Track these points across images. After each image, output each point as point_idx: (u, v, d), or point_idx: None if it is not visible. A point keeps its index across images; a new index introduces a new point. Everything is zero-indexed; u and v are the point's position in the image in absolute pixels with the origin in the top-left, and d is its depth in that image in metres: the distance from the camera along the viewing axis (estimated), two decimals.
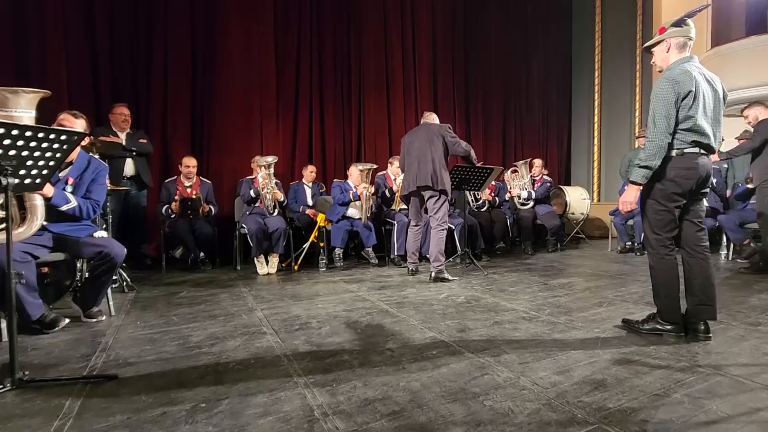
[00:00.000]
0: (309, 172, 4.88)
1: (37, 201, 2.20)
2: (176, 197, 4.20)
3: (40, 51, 4.12)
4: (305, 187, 4.84)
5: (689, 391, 1.50)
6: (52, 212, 2.28)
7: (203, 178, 4.52)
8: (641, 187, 2.07)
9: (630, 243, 5.06)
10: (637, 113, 6.76)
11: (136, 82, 4.64)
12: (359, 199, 4.31)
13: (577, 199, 6.02)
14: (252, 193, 4.18)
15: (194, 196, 4.26)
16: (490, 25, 6.83)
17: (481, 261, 4.42)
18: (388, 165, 4.82)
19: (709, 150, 2.02)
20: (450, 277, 3.51)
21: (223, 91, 4.99)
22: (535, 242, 5.32)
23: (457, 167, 3.82)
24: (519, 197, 5.30)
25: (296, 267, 4.18)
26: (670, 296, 2.06)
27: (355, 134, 5.82)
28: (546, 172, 5.79)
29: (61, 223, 2.35)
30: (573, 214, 6.01)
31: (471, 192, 4.51)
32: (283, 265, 4.24)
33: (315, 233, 4.36)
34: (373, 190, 4.38)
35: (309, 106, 5.49)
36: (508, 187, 5.39)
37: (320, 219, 4.40)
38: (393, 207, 4.63)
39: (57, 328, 2.28)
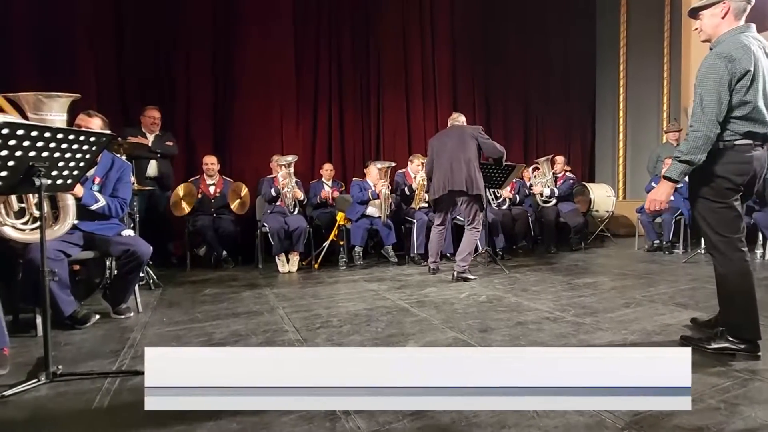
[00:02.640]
0: (326, 170, 4.91)
1: (69, 201, 2.27)
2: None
3: (71, 57, 4.28)
4: (325, 185, 4.87)
5: (725, 396, 1.43)
6: (82, 211, 2.35)
7: (226, 177, 4.61)
8: (676, 185, 1.77)
9: (658, 241, 4.90)
10: (665, 107, 6.52)
11: (161, 84, 4.75)
12: (378, 198, 4.31)
13: (602, 197, 5.86)
14: (272, 192, 4.23)
15: (218, 194, 4.36)
16: (510, 19, 6.70)
17: (503, 260, 4.35)
18: (408, 163, 4.79)
19: (766, 140, 1.71)
20: (471, 277, 3.46)
21: (244, 91, 5.06)
22: (558, 241, 5.20)
23: (480, 164, 3.75)
24: (541, 195, 5.20)
25: (316, 265, 4.21)
26: (745, 308, 1.72)
27: (374, 133, 5.81)
28: (569, 168, 5.65)
29: (91, 221, 2.43)
30: (597, 211, 5.85)
31: (491, 190, 4.44)
32: (304, 263, 4.27)
33: (335, 232, 4.38)
34: (384, 185, 4.35)
35: (328, 105, 5.52)
36: (528, 184, 5.29)
37: (340, 217, 4.42)
38: (413, 205, 4.60)
39: (88, 324, 2.35)
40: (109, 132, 1.86)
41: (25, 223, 2.17)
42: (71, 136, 1.56)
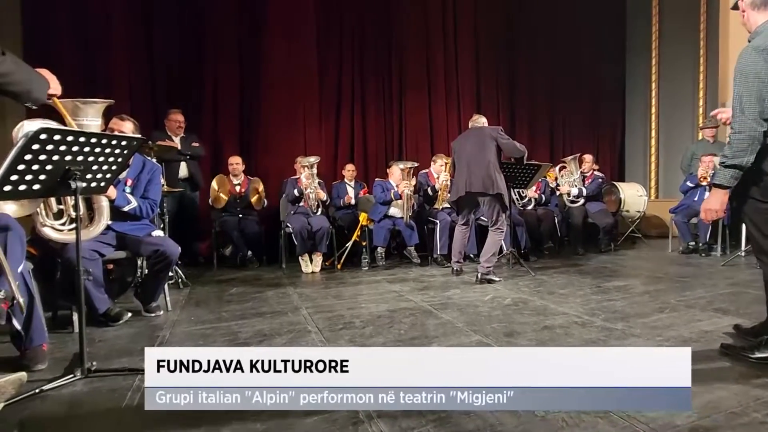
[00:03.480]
0: (348, 171, 4.93)
1: (103, 202, 2.36)
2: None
3: (106, 64, 4.47)
4: (347, 186, 4.89)
5: None
6: (115, 212, 2.43)
7: (250, 177, 4.70)
8: (729, 191, 1.68)
9: (693, 243, 4.68)
10: (700, 102, 6.22)
11: (189, 87, 4.89)
12: (400, 198, 4.29)
13: (633, 196, 5.65)
14: (296, 192, 4.28)
15: (243, 193, 4.45)
16: (536, 16, 6.55)
17: (528, 261, 4.26)
18: (431, 163, 4.76)
19: None
20: (496, 278, 3.41)
21: (269, 93, 5.14)
22: (586, 242, 5.05)
23: (502, 164, 3.69)
24: (568, 194, 5.06)
25: (339, 266, 4.23)
26: None
27: (397, 134, 5.80)
28: (597, 167, 5.48)
29: (123, 222, 2.51)
30: (628, 211, 5.65)
31: (515, 190, 4.36)
32: (327, 263, 4.30)
33: (357, 232, 4.39)
34: (412, 186, 4.33)
35: (351, 106, 5.55)
36: (552, 184, 5.15)
37: (362, 218, 4.43)
38: (436, 205, 4.57)
39: (121, 322, 2.43)
40: (139, 136, 1.91)
41: (63, 224, 2.26)
42: (104, 141, 1.62)
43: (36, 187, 1.53)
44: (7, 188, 1.44)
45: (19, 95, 1.18)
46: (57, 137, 1.45)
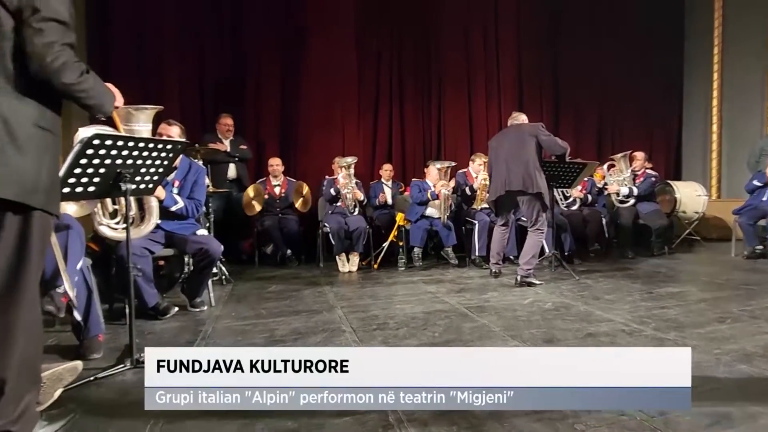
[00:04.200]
0: (386, 171, 4.94)
1: (153, 203, 2.50)
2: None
3: (159, 71, 4.75)
4: (385, 186, 4.90)
5: None
6: (163, 212, 2.57)
7: (290, 178, 4.82)
8: None
9: (761, 247, 4.28)
10: None
11: (234, 92, 5.09)
12: (437, 198, 4.24)
13: (690, 196, 5.25)
14: (333, 192, 4.34)
15: (282, 194, 4.58)
16: (583, 5, 6.23)
17: (572, 264, 4.07)
18: (470, 162, 4.66)
19: None
20: (536, 281, 3.28)
21: (308, 95, 5.26)
22: (636, 244, 4.73)
23: (544, 163, 3.55)
24: (617, 194, 4.78)
25: (376, 266, 4.24)
26: None
27: (435, 133, 5.75)
28: (650, 165, 5.13)
29: (171, 221, 2.65)
30: (685, 212, 5.25)
31: (559, 189, 4.17)
32: (364, 263, 4.33)
33: (394, 232, 4.39)
34: (452, 186, 4.27)
35: (389, 106, 5.56)
36: (600, 183, 4.87)
37: (399, 218, 4.42)
38: (474, 206, 4.47)
39: (168, 316, 2.57)
40: (183, 140, 2.01)
41: (117, 223, 2.42)
42: (151, 145, 1.71)
43: (91, 189, 1.65)
44: (66, 190, 1.56)
45: (93, 107, 1.29)
46: (108, 143, 1.55)
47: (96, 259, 2.64)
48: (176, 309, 2.65)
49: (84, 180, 1.60)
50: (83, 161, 1.54)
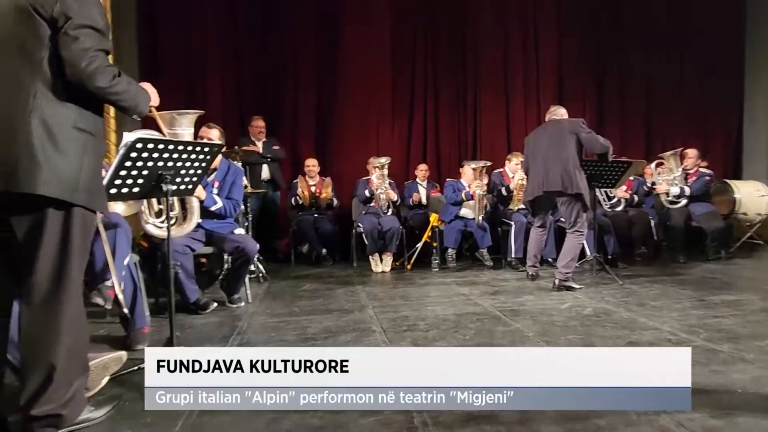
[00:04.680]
0: (421, 171, 4.91)
1: (194, 203, 2.61)
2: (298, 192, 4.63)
3: (203, 79, 4.99)
4: (419, 186, 4.88)
5: None
6: (203, 212, 2.69)
7: (325, 178, 4.90)
8: None
9: None
10: None
11: (272, 95, 5.23)
12: (472, 199, 4.16)
13: (752, 196, 4.83)
14: (367, 193, 4.37)
15: (319, 195, 4.67)
16: None
17: (616, 268, 3.86)
18: (506, 162, 4.55)
19: None
20: (576, 285, 3.14)
21: (343, 95, 5.32)
22: (689, 248, 4.42)
23: (585, 162, 3.39)
24: (667, 194, 4.48)
25: (409, 266, 4.23)
26: None
27: (471, 132, 5.65)
28: (704, 163, 4.77)
29: (210, 220, 2.77)
30: (745, 214, 4.84)
31: (602, 189, 3.97)
32: (397, 263, 4.32)
33: (428, 233, 4.35)
34: (485, 186, 4.17)
35: (424, 105, 5.52)
36: (650, 182, 4.59)
37: (433, 218, 4.38)
38: (510, 206, 4.35)
39: (208, 311, 2.69)
40: (219, 142, 2.09)
41: (162, 222, 2.55)
42: (189, 148, 1.79)
43: (135, 190, 1.75)
44: (113, 191, 1.67)
45: (128, 109, 1.36)
46: (150, 146, 1.64)
47: (144, 256, 2.82)
48: (215, 305, 2.76)
49: (129, 181, 1.69)
50: (127, 164, 1.63)
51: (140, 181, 1.73)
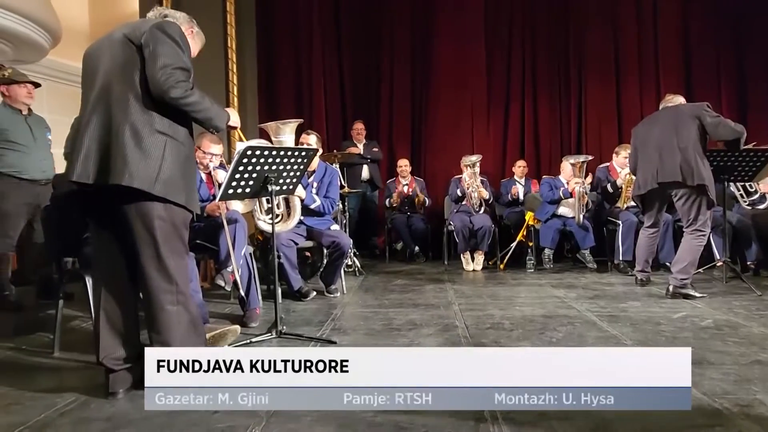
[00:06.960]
0: (519, 168, 4.74)
1: (297, 201, 2.94)
2: (395, 192, 4.82)
3: (309, 89, 5.48)
4: (517, 183, 4.71)
5: None
6: (304, 209, 3.01)
7: (417, 177, 5.03)
8: None
9: None
10: None
11: (370, 101, 5.53)
12: (571, 197, 3.88)
13: None
14: (458, 191, 4.37)
15: (410, 193, 4.81)
16: None
17: (755, 276, 3.25)
18: (613, 156, 4.13)
19: None
20: (696, 294, 2.75)
21: (437, 94, 5.37)
22: None
23: (710, 152, 2.93)
24: None
25: (502, 266, 4.12)
26: None
27: (575, 125, 5.25)
28: None
29: (311, 217, 3.09)
30: None
31: (738, 184, 3.37)
32: (489, 263, 4.24)
33: (523, 232, 4.18)
34: (587, 183, 3.86)
35: (521, 98, 5.31)
36: None
37: (529, 217, 4.19)
38: (618, 204, 3.95)
39: (308, 299, 3.00)
40: (314, 147, 2.33)
41: (270, 219, 2.93)
42: (288, 152, 2.06)
43: (247, 190, 2.07)
44: (230, 191, 2.00)
45: (203, 122, 1.58)
46: (257, 152, 1.93)
47: (260, 248, 3.26)
48: (315, 293, 3.06)
49: (242, 183, 2.02)
50: (240, 168, 1.94)
51: (251, 182, 2.04)
